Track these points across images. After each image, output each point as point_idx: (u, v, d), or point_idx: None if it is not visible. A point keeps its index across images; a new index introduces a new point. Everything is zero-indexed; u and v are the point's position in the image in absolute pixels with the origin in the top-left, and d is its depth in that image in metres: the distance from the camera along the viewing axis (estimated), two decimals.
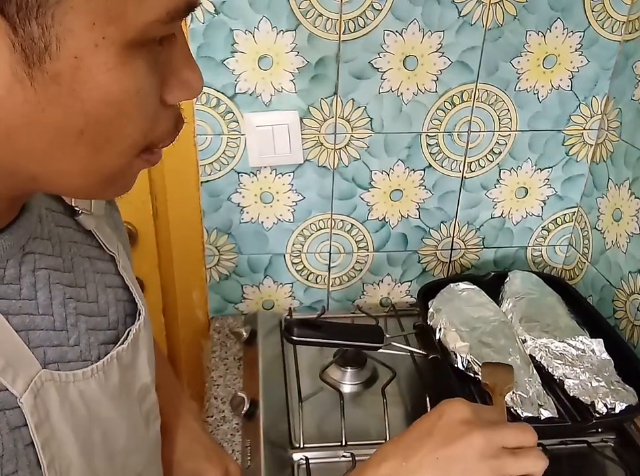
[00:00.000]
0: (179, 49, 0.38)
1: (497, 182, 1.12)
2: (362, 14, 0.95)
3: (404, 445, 0.52)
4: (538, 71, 1.03)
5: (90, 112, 0.34)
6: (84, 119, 0.34)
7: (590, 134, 1.10)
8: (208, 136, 1.02)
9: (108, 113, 0.35)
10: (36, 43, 0.31)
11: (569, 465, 0.88)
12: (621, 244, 1.04)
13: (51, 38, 0.31)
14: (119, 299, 0.51)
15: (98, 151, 0.37)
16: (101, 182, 0.40)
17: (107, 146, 0.37)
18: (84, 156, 0.36)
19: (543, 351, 0.94)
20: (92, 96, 0.34)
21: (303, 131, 1.03)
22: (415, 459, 0.50)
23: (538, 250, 1.22)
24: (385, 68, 0.99)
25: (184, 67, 0.39)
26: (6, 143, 0.34)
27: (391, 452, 0.52)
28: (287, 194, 1.08)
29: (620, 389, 0.87)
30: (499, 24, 0.98)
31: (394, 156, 1.07)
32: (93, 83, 0.33)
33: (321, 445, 0.88)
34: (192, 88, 0.39)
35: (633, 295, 1.01)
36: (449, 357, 0.93)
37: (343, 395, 0.92)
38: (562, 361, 0.92)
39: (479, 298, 1.04)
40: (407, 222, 1.14)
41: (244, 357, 1.07)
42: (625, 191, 1.02)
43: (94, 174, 0.38)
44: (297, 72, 0.98)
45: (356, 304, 1.21)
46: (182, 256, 1.11)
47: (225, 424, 0.92)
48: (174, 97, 0.39)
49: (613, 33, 1.01)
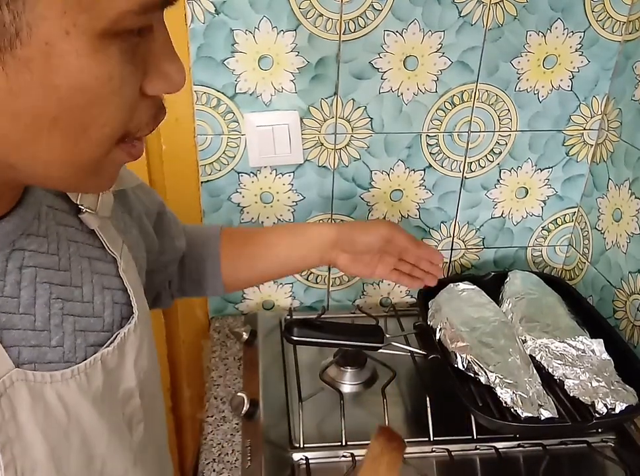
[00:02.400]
0: (160, 41, 0.38)
1: (497, 182, 1.12)
2: (362, 14, 0.95)
3: None
4: (538, 71, 1.03)
5: (63, 99, 0.34)
6: (57, 106, 0.35)
7: (590, 134, 1.10)
8: (208, 136, 1.02)
9: (82, 100, 0.35)
10: (7, 29, 0.31)
11: (569, 465, 0.88)
12: (621, 245, 1.04)
13: (22, 24, 0.31)
14: (116, 302, 0.51)
15: (74, 140, 0.37)
16: (80, 173, 0.39)
17: (83, 135, 0.37)
18: (60, 144, 0.36)
19: (543, 351, 0.94)
20: (65, 82, 0.34)
21: (303, 131, 1.03)
22: None
23: (538, 251, 1.22)
24: (386, 68, 0.99)
25: (164, 59, 0.39)
26: None
27: None
28: (287, 194, 1.08)
29: (620, 389, 0.87)
30: (499, 24, 0.98)
31: (394, 156, 1.07)
32: (65, 70, 0.33)
33: (321, 445, 0.88)
34: (172, 81, 0.39)
35: (633, 295, 1.01)
36: (449, 358, 0.93)
37: (343, 395, 0.92)
38: (563, 361, 0.92)
39: (479, 298, 1.04)
40: (407, 222, 1.14)
41: (244, 357, 1.07)
42: (625, 191, 1.02)
43: (73, 164, 0.38)
44: (298, 72, 0.98)
45: (356, 304, 1.21)
46: None
47: (225, 424, 0.92)
48: (153, 88, 0.39)
49: (614, 33, 1.01)
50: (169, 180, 1.04)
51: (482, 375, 0.88)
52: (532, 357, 0.94)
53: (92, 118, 0.36)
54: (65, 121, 0.35)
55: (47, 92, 0.34)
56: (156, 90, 0.39)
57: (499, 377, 0.86)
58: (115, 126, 0.38)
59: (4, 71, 0.32)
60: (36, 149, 0.36)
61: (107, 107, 0.36)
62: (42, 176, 0.40)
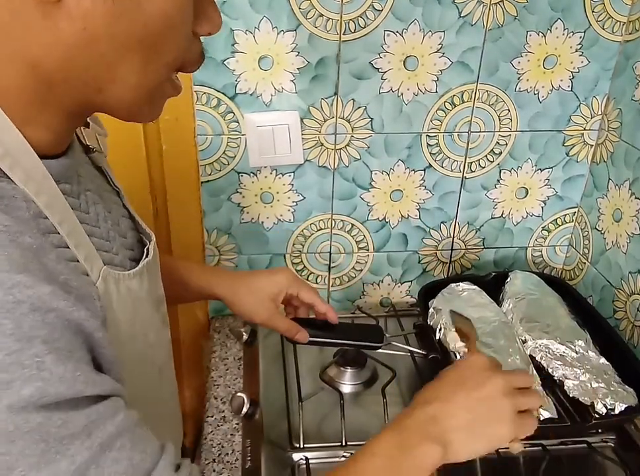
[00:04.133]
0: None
1: (497, 183, 1.12)
2: (363, 15, 0.95)
3: (441, 392, 0.63)
4: (538, 72, 1.03)
5: (148, 23, 0.42)
6: (144, 30, 0.42)
7: (591, 134, 1.10)
8: (208, 136, 1.02)
9: (161, 26, 0.42)
10: None
11: (569, 465, 0.88)
12: (622, 245, 1.04)
13: None
14: (130, 228, 0.60)
15: (148, 62, 0.44)
16: (144, 98, 0.47)
17: (155, 57, 0.44)
18: (139, 65, 0.43)
19: (543, 352, 0.94)
20: (153, 9, 0.41)
21: (304, 131, 1.03)
22: (453, 402, 0.61)
23: (538, 251, 1.22)
24: (386, 68, 0.99)
25: (210, 5, 0.47)
26: (87, 50, 0.41)
27: (431, 397, 0.62)
28: (287, 194, 1.08)
29: (620, 390, 0.87)
30: (499, 24, 0.98)
31: (394, 156, 1.07)
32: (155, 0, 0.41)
33: (321, 445, 0.88)
34: (215, 23, 0.48)
35: (633, 295, 1.01)
36: (448, 357, 0.93)
37: (343, 395, 0.92)
38: (562, 362, 0.92)
39: (479, 298, 1.04)
40: (407, 222, 1.14)
41: (244, 357, 1.07)
42: (626, 191, 1.02)
43: (142, 87, 0.45)
44: (298, 72, 0.98)
45: (356, 304, 1.21)
46: (183, 256, 1.11)
47: (225, 424, 0.92)
48: (201, 28, 0.47)
49: (614, 33, 1.01)
50: (169, 180, 1.04)
51: None
52: (532, 358, 0.94)
53: (165, 43, 0.44)
54: (146, 43, 0.43)
55: (139, 18, 0.41)
56: (204, 30, 0.47)
57: None
58: (178, 54, 0.46)
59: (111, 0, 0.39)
60: (121, 70, 0.43)
61: (177, 35, 0.44)
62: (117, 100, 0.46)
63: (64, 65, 0.41)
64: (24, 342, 0.35)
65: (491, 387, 0.61)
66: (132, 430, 0.41)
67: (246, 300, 0.84)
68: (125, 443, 0.40)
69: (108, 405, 0.40)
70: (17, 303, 0.35)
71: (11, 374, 0.34)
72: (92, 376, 0.39)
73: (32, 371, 0.35)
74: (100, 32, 0.40)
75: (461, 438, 0.59)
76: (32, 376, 0.35)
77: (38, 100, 0.43)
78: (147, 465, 0.41)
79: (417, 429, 0.59)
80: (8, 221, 0.38)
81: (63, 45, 0.40)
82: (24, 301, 0.35)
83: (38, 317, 0.36)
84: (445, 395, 0.62)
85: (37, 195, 0.42)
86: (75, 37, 0.40)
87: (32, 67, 0.41)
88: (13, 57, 0.41)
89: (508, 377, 0.63)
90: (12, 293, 0.35)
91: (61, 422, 0.36)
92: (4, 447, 0.34)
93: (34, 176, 0.43)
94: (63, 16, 0.39)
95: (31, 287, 0.36)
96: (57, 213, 0.44)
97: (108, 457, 0.38)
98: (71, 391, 0.37)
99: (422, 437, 0.58)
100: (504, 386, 0.62)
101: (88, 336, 0.40)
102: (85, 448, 0.37)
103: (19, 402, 0.34)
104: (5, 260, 0.36)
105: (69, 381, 0.36)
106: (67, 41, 0.40)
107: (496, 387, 0.61)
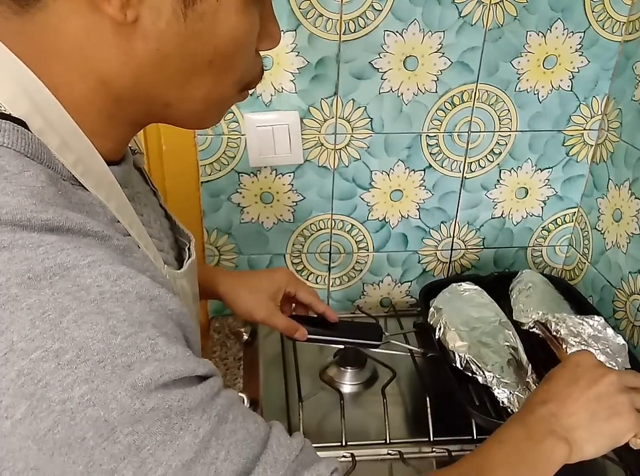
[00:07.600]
0: (268, 5, 0.47)
1: (497, 183, 1.12)
2: (362, 15, 0.95)
3: (556, 391, 0.62)
4: (538, 72, 1.03)
5: (219, 46, 0.43)
6: (214, 52, 0.43)
7: (590, 134, 1.10)
8: (208, 136, 1.02)
9: (232, 48, 0.44)
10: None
11: (569, 465, 0.87)
12: (621, 245, 1.04)
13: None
14: (167, 228, 0.62)
15: (218, 81, 0.45)
16: (212, 109, 0.49)
17: (225, 76, 0.46)
18: (208, 84, 0.45)
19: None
20: (224, 32, 0.42)
21: (304, 131, 1.03)
22: (571, 400, 0.60)
23: (538, 251, 1.22)
24: (386, 68, 0.99)
25: (269, 21, 0.48)
26: (158, 69, 0.42)
27: (547, 397, 0.62)
28: (287, 194, 1.08)
29: None
30: (499, 24, 0.98)
31: (394, 156, 1.07)
32: (226, 23, 0.42)
33: (321, 445, 0.87)
34: (276, 40, 0.49)
35: (633, 295, 1.01)
36: (447, 357, 0.93)
37: (343, 395, 0.92)
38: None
39: (480, 298, 1.04)
40: (407, 222, 1.14)
41: (244, 357, 1.07)
42: (625, 191, 1.02)
43: (211, 101, 0.47)
44: (298, 72, 0.98)
45: (356, 304, 1.21)
46: None
47: None
48: (264, 45, 0.48)
49: (614, 33, 1.01)
50: (169, 180, 1.04)
51: (480, 375, 0.88)
52: None
53: (233, 64, 0.45)
54: (217, 64, 0.44)
55: (210, 40, 0.42)
56: (264, 46, 0.48)
57: (496, 377, 0.86)
58: (246, 72, 0.48)
59: (184, 22, 0.40)
60: (189, 88, 0.45)
61: (245, 55, 0.46)
62: (185, 112, 0.47)
63: (134, 82, 0.43)
64: (137, 326, 0.37)
65: (606, 384, 0.61)
66: (239, 404, 0.43)
67: (246, 298, 0.84)
68: (237, 415, 0.42)
69: (216, 382, 0.42)
70: (124, 293, 0.37)
71: (130, 356, 0.35)
72: (197, 357, 0.41)
73: (148, 353, 0.36)
74: (172, 53, 0.42)
75: (584, 436, 0.59)
76: (148, 357, 0.36)
77: (106, 114, 0.45)
78: (261, 434, 0.43)
79: (542, 425, 0.59)
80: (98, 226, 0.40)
81: (135, 64, 0.42)
82: (130, 291, 0.37)
83: (145, 304, 0.38)
84: (561, 395, 0.61)
85: (107, 200, 0.44)
86: (147, 57, 0.41)
87: (103, 83, 0.42)
88: (85, 74, 0.42)
89: (621, 374, 0.63)
90: (118, 284, 0.37)
91: (181, 396, 0.37)
92: (131, 427, 0.35)
93: (103, 183, 0.45)
94: (138, 36, 0.40)
95: (134, 278, 0.38)
96: (127, 216, 0.47)
97: (225, 428, 0.40)
98: (186, 369, 0.38)
99: (549, 432, 0.59)
100: (618, 382, 0.61)
101: (182, 325, 0.42)
102: (204, 420, 0.38)
103: (141, 381, 0.35)
104: (106, 254, 0.38)
105: (183, 360, 0.38)
106: (140, 61, 0.41)
107: (611, 383, 0.61)
